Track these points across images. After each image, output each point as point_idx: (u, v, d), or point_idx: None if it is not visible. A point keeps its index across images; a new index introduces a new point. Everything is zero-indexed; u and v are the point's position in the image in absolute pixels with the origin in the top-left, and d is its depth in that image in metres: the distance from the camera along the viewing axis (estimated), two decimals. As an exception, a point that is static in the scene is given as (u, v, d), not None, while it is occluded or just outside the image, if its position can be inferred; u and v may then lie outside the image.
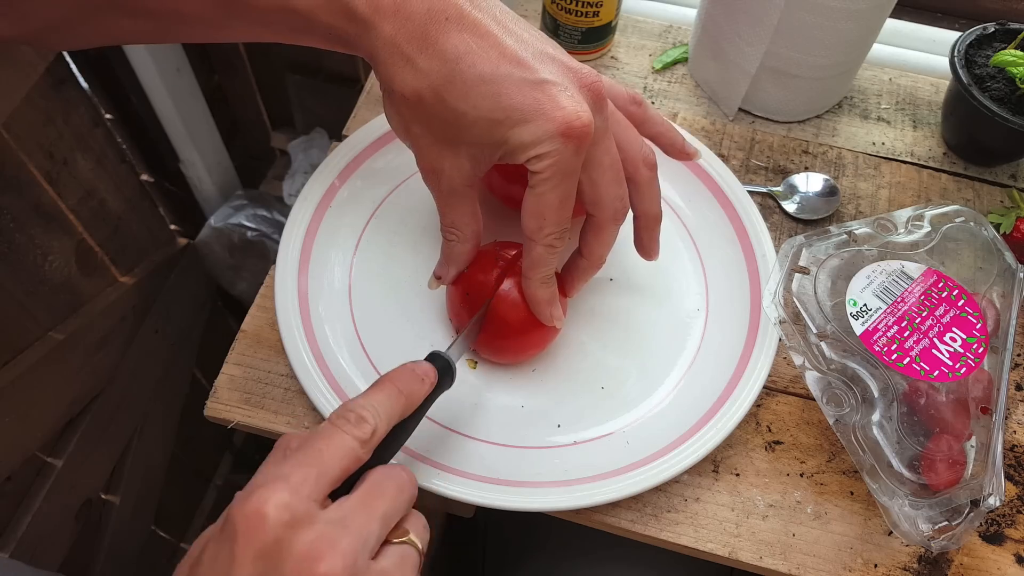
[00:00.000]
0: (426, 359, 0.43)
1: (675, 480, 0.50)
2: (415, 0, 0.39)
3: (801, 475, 0.51)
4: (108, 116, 0.97)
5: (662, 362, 0.53)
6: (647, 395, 0.52)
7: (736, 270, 0.56)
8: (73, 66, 0.89)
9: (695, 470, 0.50)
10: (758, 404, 0.53)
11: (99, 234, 0.99)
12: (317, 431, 0.35)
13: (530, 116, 0.39)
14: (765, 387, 0.54)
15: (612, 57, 0.70)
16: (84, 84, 0.93)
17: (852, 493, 0.50)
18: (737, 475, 0.51)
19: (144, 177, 1.06)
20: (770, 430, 0.52)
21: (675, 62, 0.69)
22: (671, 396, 0.52)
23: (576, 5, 0.64)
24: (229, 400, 0.51)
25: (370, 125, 0.60)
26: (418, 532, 0.35)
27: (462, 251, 0.48)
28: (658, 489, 0.50)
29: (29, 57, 0.79)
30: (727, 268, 0.57)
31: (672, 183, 0.60)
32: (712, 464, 0.51)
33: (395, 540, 0.34)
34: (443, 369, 0.43)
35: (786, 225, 0.61)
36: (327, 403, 0.48)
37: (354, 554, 0.31)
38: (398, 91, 0.40)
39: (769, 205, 0.62)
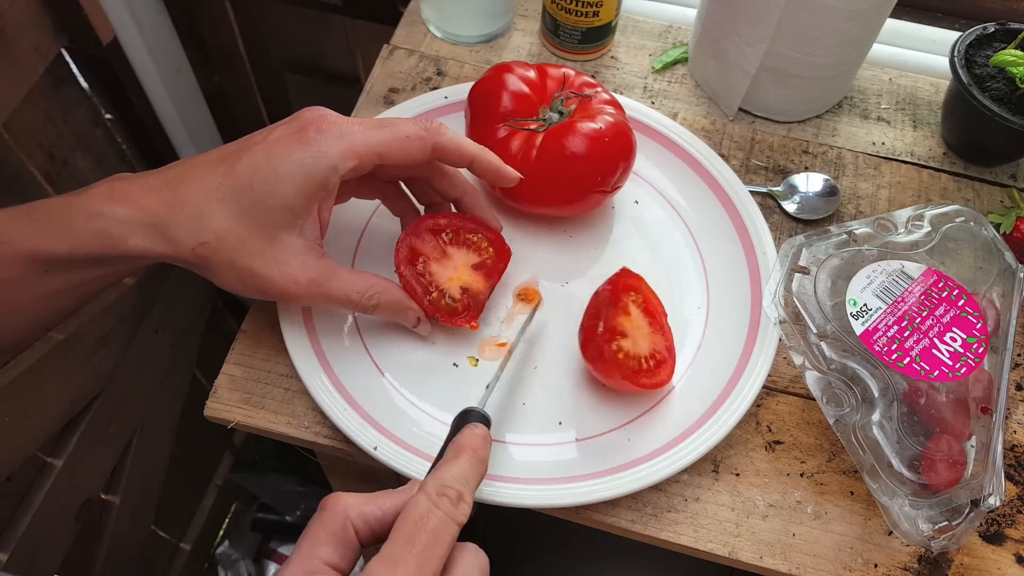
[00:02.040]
0: (462, 414, 0.42)
1: (675, 480, 0.50)
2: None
3: (801, 475, 0.51)
4: (108, 116, 0.97)
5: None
6: (648, 392, 0.52)
7: (737, 269, 0.56)
8: (73, 66, 0.89)
9: (695, 470, 0.50)
10: (758, 404, 0.53)
11: (99, 234, 0.99)
12: (421, 509, 0.33)
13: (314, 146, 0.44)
14: (765, 387, 0.54)
15: (612, 57, 0.70)
16: (84, 84, 0.93)
17: (852, 493, 0.50)
18: (737, 475, 0.51)
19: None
20: (770, 430, 0.52)
21: (675, 62, 0.69)
22: (671, 394, 0.52)
23: (576, 5, 0.64)
24: (229, 400, 0.51)
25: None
26: None
27: (395, 296, 0.49)
28: (658, 489, 0.50)
29: (29, 57, 0.79)
30: (728, 267, 0.57)
31: (673, 181, 0.61)
32: (712, 464, 0.51)
33: None
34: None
35: (786, 225, 0.61)
36: (330, 402, 0.48)
37: None
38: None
39: (769, 205, 0.62)
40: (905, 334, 0.48)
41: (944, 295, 0.49)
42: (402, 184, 0.54)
